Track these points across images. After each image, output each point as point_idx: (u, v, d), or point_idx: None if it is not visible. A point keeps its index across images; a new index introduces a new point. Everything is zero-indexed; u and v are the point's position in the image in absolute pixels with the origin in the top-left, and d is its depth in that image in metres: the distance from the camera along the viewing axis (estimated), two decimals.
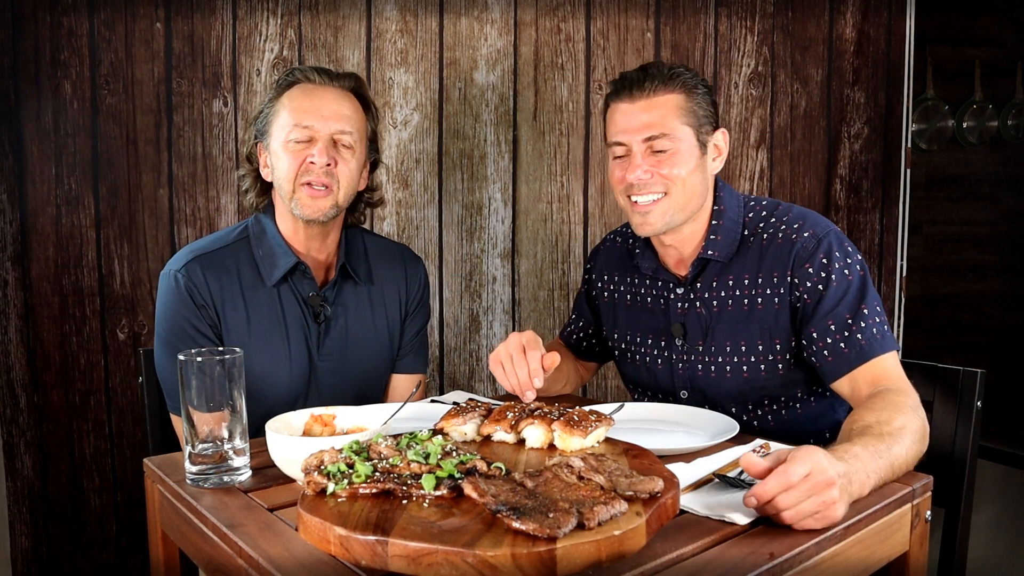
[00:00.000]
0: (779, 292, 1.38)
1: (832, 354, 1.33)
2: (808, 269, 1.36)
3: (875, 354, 1.31)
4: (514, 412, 1.12)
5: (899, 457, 1.09)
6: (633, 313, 1.60)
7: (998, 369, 2.73)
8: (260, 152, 1.54)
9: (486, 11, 2.50)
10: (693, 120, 1.39)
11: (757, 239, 1.43)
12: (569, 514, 0.78)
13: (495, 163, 2.55)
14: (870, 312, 1.33)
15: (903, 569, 1.11)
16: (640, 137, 1.39)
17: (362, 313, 1.60)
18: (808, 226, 1.40)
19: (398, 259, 1.68)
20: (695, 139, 1.40)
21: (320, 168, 1.45)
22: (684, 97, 1.39)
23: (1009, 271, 3.81)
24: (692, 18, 2.61)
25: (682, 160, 1.39)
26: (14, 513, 2.33)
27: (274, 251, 1.51)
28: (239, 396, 1.11)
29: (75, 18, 2.27)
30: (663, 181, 1.39)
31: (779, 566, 0.88)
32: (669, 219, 1.41)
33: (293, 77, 1.51)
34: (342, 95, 1.50)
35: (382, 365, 1.65)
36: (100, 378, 2.35)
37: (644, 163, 1.39)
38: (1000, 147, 3.78)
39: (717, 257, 1.44)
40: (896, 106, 2.79)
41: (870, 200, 2.80)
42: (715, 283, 1.46)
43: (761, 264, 1.41)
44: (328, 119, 1.46)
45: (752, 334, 1.42)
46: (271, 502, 1.05)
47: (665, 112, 1.38)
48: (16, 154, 2.27)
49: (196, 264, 1.47)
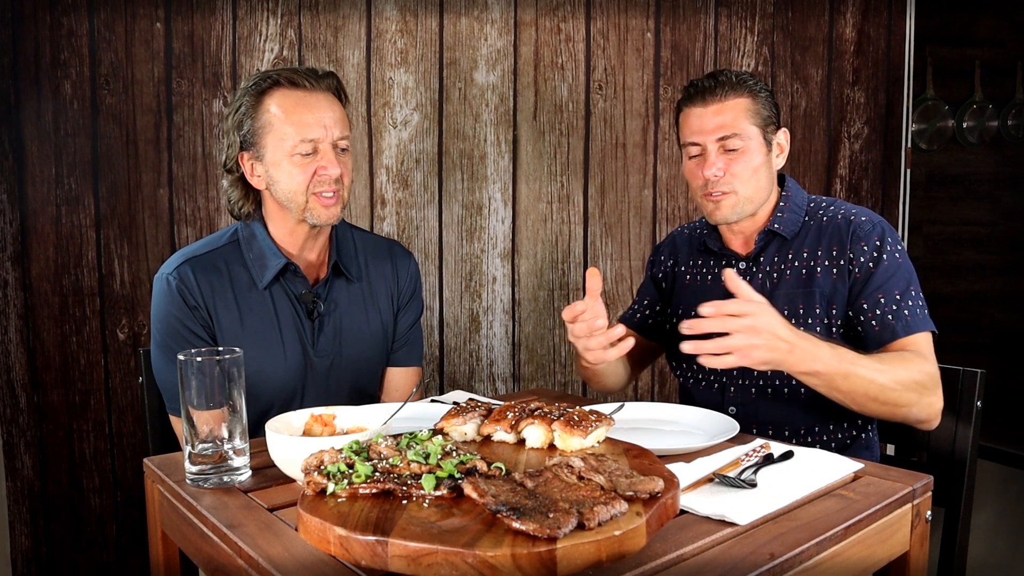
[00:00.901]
0: (839, 263, 1.50)
1: (880, 324, 1.44)
2: (863, 246, 1.48)
3: (917, 330, 1.42)
4: (514, 412, 1.12)
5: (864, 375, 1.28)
6: (693, 290, 1.71)
7: (998, 369, 2.73)
8: (243, 160, 1.51)
9: (486, 11, 2.50)
10: (759, 121, 1.54)
11: (817, 221, 1.57)
12: (569, 514, 0.78)
13: (495, 163, 2.55)
14: (916, 294, 1.46)
15: (903, 569, 1.11)
16: (714, 137, 1.53)
17: (355, 309, 1.61)
18: (864, 214, 1.54)
19: (388, 254, 1.70)
20: (762, 138, 1.54)
21: (333, 178, 1.47)
22: (751, 100, 1.53)
23: (1009, 271, 3.81)
24: (692, 18, 2.61)
25: (751, 157, 1.53)
26: (14, 513, 2.33)
27: (264, 254, 1.53)
28: (239, 396, 1.11)
29: (75, 18, 2.27)
30: (734, 178, 1.53)
31: (779, 566, 0.88)
32: (739, 210, 1.55)
33: (270, 80, 1.47)
34: (332, 98, 1.51)
35: (377, 359, 1.66)
36: (100, 378, 2.35)
37: (718, 160, 1.53)
38: (1000, 147, 3.78)
39: (782, 231, 1.56)
40: (896, 106, 2.79)
41: (870, 200, 2.80)
42: (776, 258, 1.57)
43: (820, 239, 1.54)
44: (330, 128, 1.47)
45: (811, 298, 1.51)
46: (271, 502, 1.05)
47: (735, 114, 1.53)
48: (16, 154, 2.27)
49: (187, 266, 1.49)
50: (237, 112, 1.49)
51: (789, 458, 1.16)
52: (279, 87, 1.47)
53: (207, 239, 1.58)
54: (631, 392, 2.69)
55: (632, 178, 2.62)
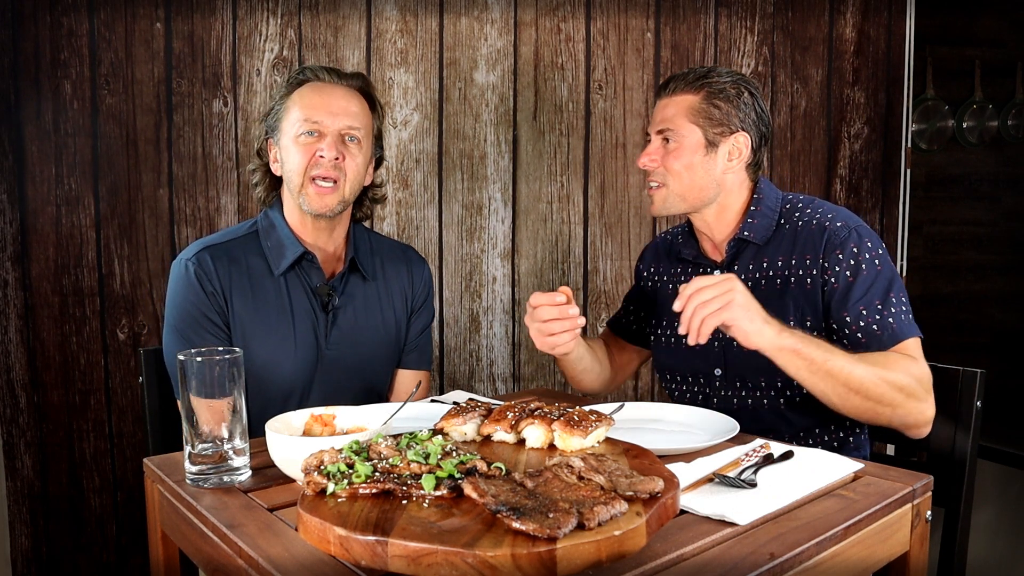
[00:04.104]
0: (811, 273, 1.48)
1: (866, 335, 1.41)
2: (838, 255, 1.45)
3: (904, 337, 1.40)
4: (514, 412, 1.12)
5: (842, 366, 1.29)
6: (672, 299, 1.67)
7: (998, 369, 2.73)
8: (270, 148, 1.59)
9: (486, 11, 2.50)
10: (702, 120, 1.52)
11: (792, 225, 1.54)
12: (569, 514, 0.78)
13: (495, 163, 2.55)
14: (897, 300, 1.42)
15: (903, 569, 1.11)
16: (655, 130, 1.57)
17: (369, 307, 1.64)
18: (841, 218, 1.50)
19: (403, 259, 1.73)
20: (703, 138, 1.53)
21: (329, 162, 1.50)
22: (700, 99, 1.52)
23: (1009, 271, 3.81)
24: (692, 18, 2.61)
25: (683, 154, 1.53)
26: (14, 513, 2.33)
27: (282, 242, 1.56)
28: (239, 396, 1.11)
29: (75, 18, 2.27)
30: (666, 172, 1.55)
31: (779, 566, 0.88)
32: (669, 205, 1.57)
33: (304, 76, 1.56)
34: (350, 93, 1.56)
35: (387, 358, 1.68)
36: (100, 378, 2.35)
37: (653, 152, 1.56)
38: (1000, 147, 3.78)
39: (752, 238, 1.54)
40: (896, 106, 2.79)
41: (870, 200, 2.80)
42: (751, 265, 1.55)
43: (794, 247, 1.51)
44: (337, 115, 1.52)
45: (785, 308, 1.49)
46: (271, 502, 1.05)
47: (677, 111, 1.54)
48: (16, 154, 2.27)
49: (206, 253, 1.53)
50: (274, 103, 1.58)
51: (789, 458, 1.16)
52: (309, 82, 1.55)
53: (227, 230, 1.63)
54: (631, 392, 2.69)
55: (632, 178, 2.62)
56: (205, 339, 1.48)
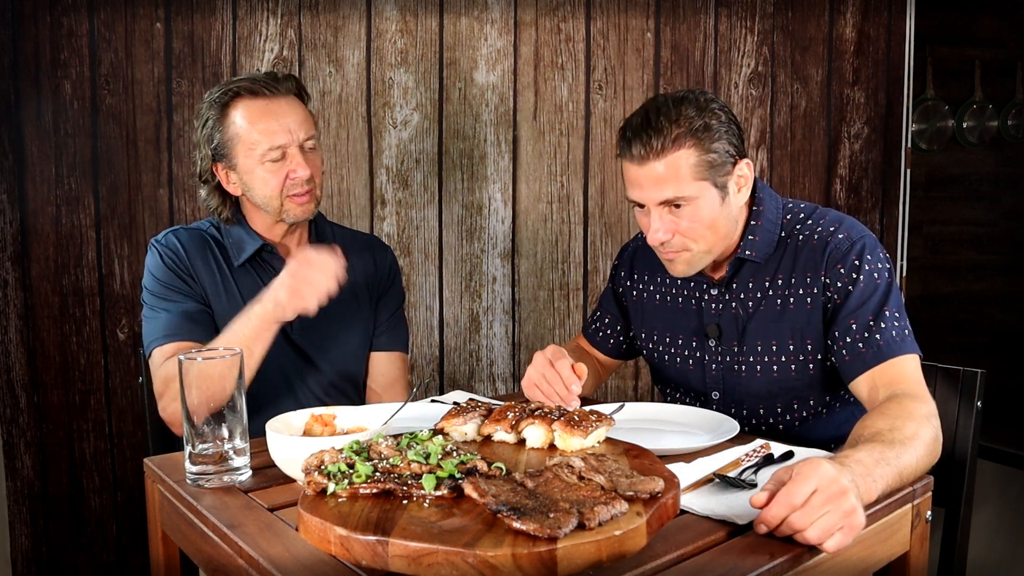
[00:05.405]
0: (812, 292, 1.39)
1: (850, 353, 1.33)
2: (840, 269, 1.36)
3: (893, 355, 1.29)
4: (514, 412, 1.12)
5: (908, 466, 1.07)
6: (663, 313, 1.59)
7: (998, 369, 2.73)
8: (218, 170, 1.58)
9: (486, 11, 2.50)
10: (707, 172, 1.35)
11: (793, 240, 1.43)
12: (570, 514, 0.78)
13: (495, 163, 2.55)
14: (891, 315, 1.32)
15: (903, 569, 1.11)
16: (655, 201, 1.37)
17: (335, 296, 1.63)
18: (844, 229, 1.40)
19: (366, 247, 1.75)
20: (713, 187, 1.36)
21: (304, 179, 1.53)
22: (694, 150, 1.33)
23: (1009, 271, 3.81)
24: (692, 18, 2.61)
25: (700, 214, 1.37)
26: (14, 513, 2.33)
27: (242, 237, 1.60)
28: (239, 396, 1.11)
29: (75, 18, 2.27)
30: (684, 237, 1.39)
31: (779, 566, 0.88)
32: (696, 264, 1.43)
33: (231, 93, 1.52)
34: (293, 101, 1.56)
35: (358, 345, 1.70)
36: (100, 378, 2.35)
37: (663, 224, 1.37)
38: (1000, 147, 3.78)
39: (754, 258, 1.44)
40: (896, 106, 2.79)
41: (870, 200, 2.80)
42: (751, 283, 1.46)
43: (795, 264, 1.41)
44: (295, 131, 1.52)
45: (783, 333, 1.42)
46: (271, 502, 1.05)
47: (674, 174, 1.33)
48: (16, 154, 2.27)
49: (172, 234, 1.60)
50: (205, 126, 1.55)
51: (789, 458, 1.16)
52: (240, 98, 1.52)
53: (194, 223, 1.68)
54: (631, 392, 2.69)
55: None
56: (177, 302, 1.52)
